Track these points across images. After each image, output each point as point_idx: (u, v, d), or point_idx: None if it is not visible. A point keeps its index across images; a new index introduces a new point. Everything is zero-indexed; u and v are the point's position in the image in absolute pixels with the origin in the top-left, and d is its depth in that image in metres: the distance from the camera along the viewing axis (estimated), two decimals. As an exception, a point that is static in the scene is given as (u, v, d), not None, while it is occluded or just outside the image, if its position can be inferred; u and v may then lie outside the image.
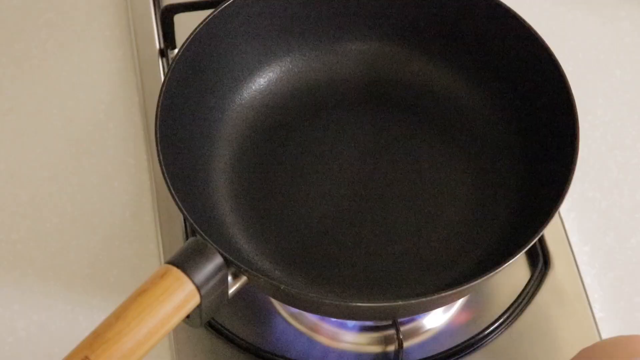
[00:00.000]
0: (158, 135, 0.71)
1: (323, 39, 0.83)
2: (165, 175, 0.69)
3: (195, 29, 0.76)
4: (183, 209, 0.68)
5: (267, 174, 0.79)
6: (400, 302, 0.68)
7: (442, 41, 0.82)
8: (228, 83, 0.80)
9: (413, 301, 0.68)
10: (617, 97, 0.90)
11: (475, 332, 0.77)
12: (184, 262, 0.64)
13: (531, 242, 0.67)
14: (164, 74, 0.88)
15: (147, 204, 0.82)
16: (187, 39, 0.75)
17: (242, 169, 0.79)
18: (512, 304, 0.78)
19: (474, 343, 0.77)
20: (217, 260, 0.65)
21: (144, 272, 0.79)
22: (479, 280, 0.66)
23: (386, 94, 0.83)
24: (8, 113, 0.87)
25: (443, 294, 0.66)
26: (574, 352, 0.71)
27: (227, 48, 0.79)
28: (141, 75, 0.88)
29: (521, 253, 0.67)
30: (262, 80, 0.82)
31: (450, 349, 0.76)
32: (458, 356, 0.76)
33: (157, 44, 0.90)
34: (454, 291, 0.66)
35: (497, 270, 0.67)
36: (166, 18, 0.89)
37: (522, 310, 0.78)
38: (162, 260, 0.79)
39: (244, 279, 0.67)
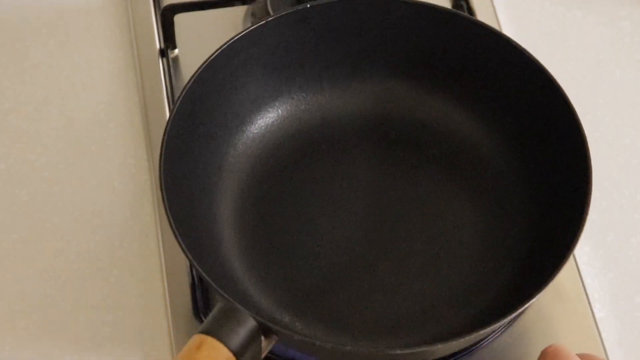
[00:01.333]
0: (164, 195, 0.69)
1: (332, 78, 0.82)
2: (181, 243, 0.67)
3: (196, 71, 0.75)
4: (206, 276, 0.66)
5: (273, 223, 0.78)
6: (439, 345, 0.66)
7: (448, 79, 0.81)
8: (225, 131, 0.79)
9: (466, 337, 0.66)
10: (617, 97, 0.90)
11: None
12: (218, 329, 0.62)
13: (548, 283, 0.67)
14: (164, 74, 0.88)
15: (147, 204, 0.82)
16: (189, 80, 0.74)
17: (246, 221, 0.77)
18: (512, 304, 0.78)
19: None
20: (250, 323, 0.63)
21: (144, 272, 0.79)
22: (499, 323, 0.66)
23: (393, 132, 0.82)
24: (8, 113, 0.87)
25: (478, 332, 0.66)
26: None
27: (225, 91, 0.78)
28: (141, 75, 0.88)
29: (538, 296, 0.67)
30: (262, 121, 0.80)
31: (451, 349, 0.76)
32: (458, 356, 0.76)
33: (157, 44, 0.90)
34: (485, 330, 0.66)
35: (511, 316, 0.67)
36: (166, 18, 0.89)
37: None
38: (163, 260, 0.79)
39: (274, 337, 0.65)
